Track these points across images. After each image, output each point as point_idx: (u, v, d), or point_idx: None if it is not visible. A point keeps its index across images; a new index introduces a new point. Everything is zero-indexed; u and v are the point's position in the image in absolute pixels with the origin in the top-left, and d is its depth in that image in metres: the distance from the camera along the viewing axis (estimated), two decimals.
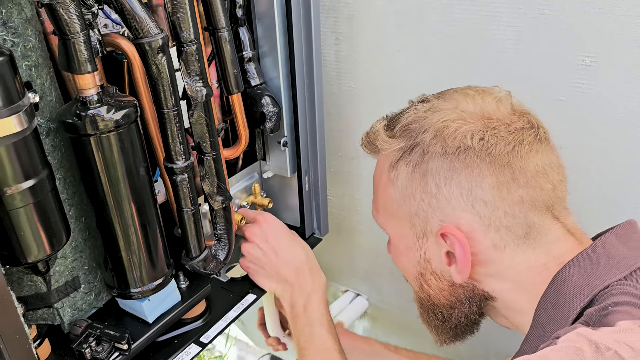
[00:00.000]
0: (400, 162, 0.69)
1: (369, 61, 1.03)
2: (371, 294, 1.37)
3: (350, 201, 1.22)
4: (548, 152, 0.66)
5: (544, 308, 0.64)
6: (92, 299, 0.78)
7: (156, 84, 0.68)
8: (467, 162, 0.64)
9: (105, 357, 0.74)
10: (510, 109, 0.67)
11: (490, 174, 0.64)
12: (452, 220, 0.66)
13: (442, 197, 0.66)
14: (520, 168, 0.64)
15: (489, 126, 0.64)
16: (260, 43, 0.93)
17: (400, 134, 0.69)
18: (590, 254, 0.63)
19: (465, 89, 0.70)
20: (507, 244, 0.65)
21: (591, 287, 0.61)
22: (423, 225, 0.69)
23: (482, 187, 0.64)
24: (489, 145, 0.64)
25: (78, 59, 0.59)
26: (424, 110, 0.68)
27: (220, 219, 0.85)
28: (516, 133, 0.65)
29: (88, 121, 0.63)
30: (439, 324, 0.75)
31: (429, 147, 0.66)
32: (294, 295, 0.92)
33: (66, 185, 0.70)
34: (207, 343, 0.87)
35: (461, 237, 0.65)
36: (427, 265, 0.71)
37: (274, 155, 1.03)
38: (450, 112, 0.66)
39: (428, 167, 0.66)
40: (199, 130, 0.76)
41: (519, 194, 0.64)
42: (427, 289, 0.73)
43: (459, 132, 0.64)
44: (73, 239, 0.72)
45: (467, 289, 0.70)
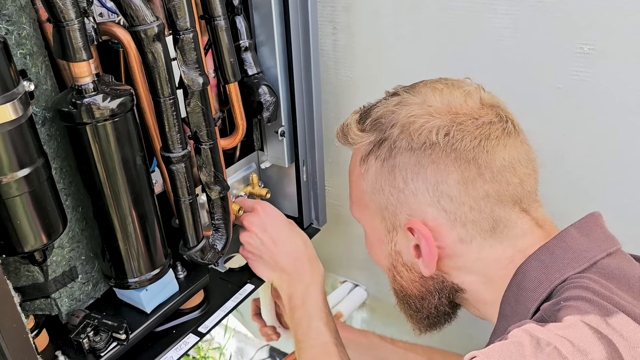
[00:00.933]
0: (370, 156, 0.70)
1: (366, 50, 1.03)
2: (370, 285, 1.37)
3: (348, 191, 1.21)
4: (517, 146, 0.66)
5: (507, 302, 0.66)
6: (90, 289, 0.78)
7: (152, 72, 0.67)
8: (433, 157, 0.64)
9: (103, 347, 0.74)
10: (478, 102, 0.67)
11: (456, 170, 0.64)
12: (419, 215, 0.67)
13: (409, 192, 0.67)
14: (486, 163, 0.64)
15: (455, 121, 0.65)
16: (257, 32, 0.92)
17: (370, 127, 0.70)
18: (550, 248, 0.64)
19: (435, 82, 0.70)
20: (473, 238, 0.66)
21: (550, 281, 0.62)
22: (392, 219, 0.70)
23: (447, 183, 0.64)
24: (455, 140, 0.64)
25: (73, 46, 0.58)
26: (393, 104, 0.69)
27: (218, 208, 0.85)
28: (483, 127, 0.65)
29: (84, 110, 0.63)
30: (412, 313, 0.76)
31: (396, 142, 0.67)
32: (291, 286, 0.92)
33: (62, 174, 0.69)
34: (205, 333, 0.87)
35: (426, 233, 0.66)
36: (398, 258, 0.73)
37: (271, 145, 1.03)
38: (418, 107, 0.67)
39: (395, 162, 0.67)
40: (195, 120, 0.76)
41: (485, 189, 0.64)
42: (400, 280, 0.75)
43: (424, 127, 0.65)
44: (70, 228, 0.72)
45: (436, 281, 0.71)
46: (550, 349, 0.52)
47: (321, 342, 0.87)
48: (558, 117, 0.90)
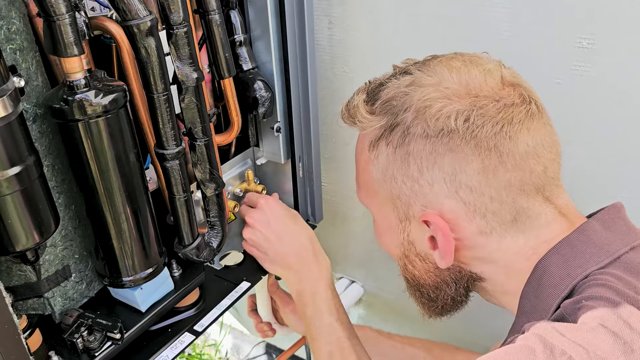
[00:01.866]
0: (380, 142, 0.65)
1: (362, 45, 1.02)
2: (366, 281, 1.37)
3: (344, 188, 1.21)
4: (540, 129, 0.62)
5: (527, 297, 0.63)
6: (84, 288, 0.77)
7: (145, 68, 0.66)
8: (451, 145, 0.60)
9: (97, 346, 0.73)
10: (499, 81, 0.62)
11: (476, 158, 0.60)
12: (435, 207, 0.63)
13: (425, 182, 0.63)
14: (508, 150, 0.60)
15: (476, 105, 0.60)
16: (252, 26, 0.91)
17: (380, 110, 0.65)
18: (571, 242, 0.61)
19: (450, 59, 0.65)
20: (493, 229, 0.62)
21: (571, 277, 0.59)
22: (405, 208, 0.66)
23: (466, 173, 0.60)
24: (475, 127, 0.59)
25: (64, 41, 0.57)
26: (405, 84, 0.64)
27: (213, 206, 0.84)
28: (505, 111, 0.60)
29: (76, 106, 0.61)
30: (425, 302, 0.74)
31: (410, 128, 0.62)
32: (300, 283, 0.91)
33: (55, 172, 0.68)
34: (201, 331, 0.86)
35: (443, 226, 0.63)
36: (411, 248, 0.69)
37: (267, 141, 1.01)
38: (433, 89, 0.62)
39: (409, 149, 0.62)
40: (190, 116, 0.74)
41: (507, 178, 0.60)
42: (412, 270, 0.71)
43: (442, 112, 0.60)
44: (63, 227, 0.71)
45: (453, 271, 0.68)
46: (564, 359, 0.49)
47: (335, 339, 0.85)
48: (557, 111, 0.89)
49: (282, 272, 0.93)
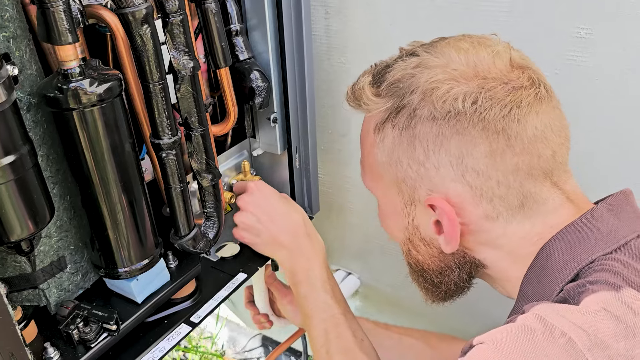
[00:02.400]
0: (386, 124, 0.64)
1: (359, 35, 1.01)
2: (362, 273, 1.36)
3: (341, 179, 1.21)
4: (549, 112, 0.61)
5: (529, 281, 0.63)
6: (79, 280, 0.77)
7: (141, 56, 0.65)
8: (458, 128, 0.59)
9: (93, 338, 0.72)
10: (508, 64, 0.61)
11: (483, 141, 0.59)
12: (441, 190, 0.62)
13: (431, 165, 0.62)
14: (516, 134, 0.59)
15: (484, 87, 0.59)
16: (249, 16, 0.90)
17: (386, 92, 0.64)
18: (577, 227, 0.61)
19: (458, 40, 0.64)
20: (500, 214, 0.62)
21: (576, 262, 0.59)
22: (411, 192, 0.65)
23: (473, 156, 0.59)
24: (483, 109, 0.58)
25: (58, 29, 0.56)
26: (412, 66, 0.63)
27: (210, 196, 0.83)
28: (514, 93, 0.59)
29: (70, 95, 0.61)
30: (428, 287, 0.73)
31: (417, 110, 0.61)
32: (293, 262, 0.90)
33: (49, 162, 0.67)
34: (198, 323, 0.86)
35: (449, 211, 0.62)
36: (416, 232, 0.69)
37: (263, 132, 1.01)
38: (441, 70, 0.61)
39: (415, 132, 0.61)
40: (186, 105, 0.74)
41: (515, 162, 0.59)
42: (416, 255, 0.71)
43: (449, 94, 0.59)
44: (58, 217, 0.70)
45: (457, 256, 0.68)
46: (564, 341, 0.49)
47: (331, 315, 0.85)
48: None
49: (275, 252, 0.92)
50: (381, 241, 1.25)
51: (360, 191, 1.20)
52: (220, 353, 1.97)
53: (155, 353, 0.80)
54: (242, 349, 1.96)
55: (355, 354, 0.82)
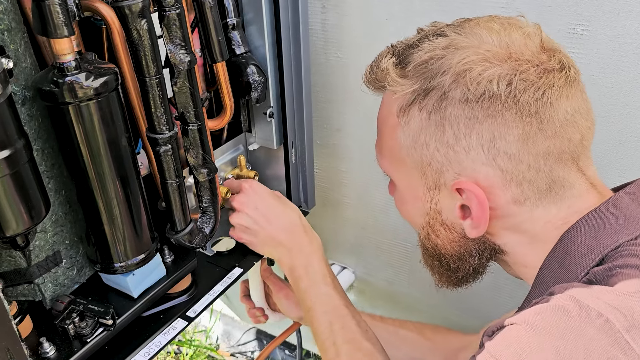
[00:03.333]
0: (413, 107, 0.62)
1: (356, 30, 1.01)
2: (357, 267, 1.37)
3: (336, 174, 1.20)
4: (578, 96, 0.61)
5: (549, 267, 0.62)
6: (75, 274, 0.77)
7: (137, 50, 0.65)
8: (491, 110, 0.58)
9: (89, 332, 0.72)
10: (539, 45, 0.60)
11: (516, 125, 0.58)
12: (470, 174, 0.61)
13: (461, 148, 0.60)
14: (549, 117, 0.58)
15: (517, 69, 0.58)
16: (245, 10, 0.89)
17: (413, 73, 0.62)
18: (601, 213, 0.61)
19: (488, 21, 0.62)
20: (527, 198, 0.61)
21: (601, 247, 0.58)
22: (436, 176, 0.64)
23: (506, 139, 0.59)
24: (517, 92, 0.57)
25: (53, 22, 0.56)
26: (441, 47, 0.61)
27: (206, 191, 0.83)
28: (546, 76, 0.58)
29: (66, 89, 0.60)
30: (444, 271, 0.72)
31: (448, 92, 0.59)
32: (292, 259, 0.90)
33: (44, 156, 0.67)
34: (194, 317, 0.86)
35: (480, 194, 0.61)
36: (437, 217, 0.67)
37: (259, 127, 1.01)
38: (473, 51, 0.59)
39: (446, 114, 0.60)
40: (182, 100, 0.73)
41: (546, 146, 0.59)
42: (435, 239, 0.70)
43: (483, 76, 0.58)
44: (53, 212, 0.70)
45: (478, 241, 0.67)
46: (601, 322, 0.49)
47: (332, 307, 0.85)
48: None
49: (273, 251, 0.93)
50: (376, 236, 1.25)
51: (356, 186, 1.20)
52: (214, 347, 1.97)
53: (151, 348, 0.80)
54: (237, 343, 1.96)
55: (361, 343, 0.82)
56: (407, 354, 1.07)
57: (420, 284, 1.27)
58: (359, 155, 1.14)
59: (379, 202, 1.18)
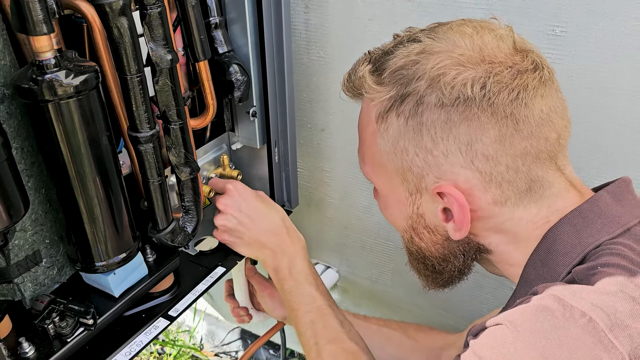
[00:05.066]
0: (390, 113, 0.63)
1: (339, 30, 1.01)
2: (341, 266, 1.37)
3: (320, 173, 1.21)
4: (552, 95, 0.61)
5: (532, 265, 0.63)
6: (55, 274, 0.76)
7: (118, 49, 0.65)
8: (467, 114, 0.59)
9: (69, 332, 0.72)
10: (512, 47, 0.61)
11: (492, 127, 0.59)
12: (450, 177, 0.62)
13: (439, 152, 0.61)
14: (524, 117, 0.59)
15: (491, 72, 0.58)
16: (228, 9, 0.89)
17: (389, 80, 0.62)
18: (583, 212, 0.62)
19: (461, 25, 0.63)
20: (508, 199, 0.62)
21: (583, 246, 0.59)
22: (417, 181, 0.64)
23: (482, 141, 0.59)
24: (491, 94, 0.58)
25: (33, 19, 0.56)
26: (415, 52, 0.61)
27: (188, 190, 0.83)
28: (520, 77, 0.59)
29: (45, 86, 0.60)
30: (429, 274, 0.73)
31: (424, 97, 0.60)
32: (276, 260, 0.91)
33: (24, 154, 0.66)
34: (176, 317, 0.86)
35: (459, 197, 0.61)
36: (420, 220, 0.68)
37: (242, 126, 1.01)
38: (446, 56, 0.60)
39: (423, 119, 0.60)
40: (164, 98, 0.73)
41: (523, 146, 0.60)
42: (418, 242, 0.70)
43: (457, 80, 0.58)
44: (33, 211, 0.69)
45: (462, 243, 0.67)
46: (585, 321, 0.49)
47: (316, 306, 0.86)
48: None
49: (258, 253, 0.93)
50: (359, 235, 1.26)
51: (339, 185, 1.21)
52: (198, 347, 1.96)
53: (132, 347, 0.79)
54: (221, 343, 1.95)
55: (344, 342, 0.83)
56: (390, 353, 1.08)
57: (403, 283, 1.28)
58: (343, 155, 1.15)
59: (363, 202, 1.19)
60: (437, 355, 1.04)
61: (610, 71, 0.83)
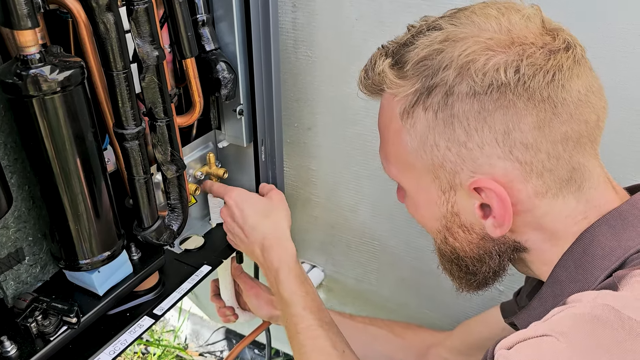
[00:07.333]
0: (416, 107, 0.59)
1: (326, 29, 1.01)
2: (327, 266, 1.37)
3: (306, 172, 1.21)
4: (587, 74, 0.58)
5: (565, 266, 0.60)
6: (38, 272, 0.75)
7: (104, 44, 0.64)
8: (502, 101, 0.55)
9: (52, 331, 0.71)
10: (541, 27, 0.57)
11: (530, 112, 0.55)
12: (487, 171, 0.58)
13: (474, 145, 0.57)
14: (562, 100, 0.55)
15: (523, 54, 0.55)
16: (215, 6, 0.89)
17: (413, 72, 0.58)
18: (622, 214, 0.59)
19: (483, 8, 0.59)
20: (549, 189, 0.58)
21: (623, 249, 0.56)
22: (450, 177, 0.60)
23: (520, 129, 0.55)
24: (526, 78, 0.54)
25: (17, 13, 0.55)
26: (438, 41, 0.57)
27: (174, 188, 0.83)
28: (554, 57, 0.55)
29: (30, 81, 0.59)
30: (463, 275, 0.69)
31: (453, 87, 0.56)
32: (267, 275, 0.91)
33: (7, 150, 0.66)
34: (161, 315, 0.85)
35: (500, 192, 0.57)
36: (455, 219, 0.64)
37: (229, 124, 1.00)
38: (473, 41, 0.56)
39: (453, 111, 0.56)
40: (150, 95, 0.73)
41: (563, 131, 0.56)
42: (453, 242, 0.66)
43: (488, 66, 0.55)
44: (16, 208, 0.68)
45: (498, 242, 0.63)
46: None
47: (305, 327, 0.83)
48: None
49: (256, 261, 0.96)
50: (345, 234, 1.26)
51: (326, 185, 1.21)
52: (183, 346, 1.95)
53: (116, 346, 0.79)
54: (205, 342, 1.95)
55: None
56: (377, 352, 1.08)
57: (388, 283, 1.28)
58: (329, 155, 1.15)
59: (349, 201, 1.19)
60: (424, 353, 1.04)
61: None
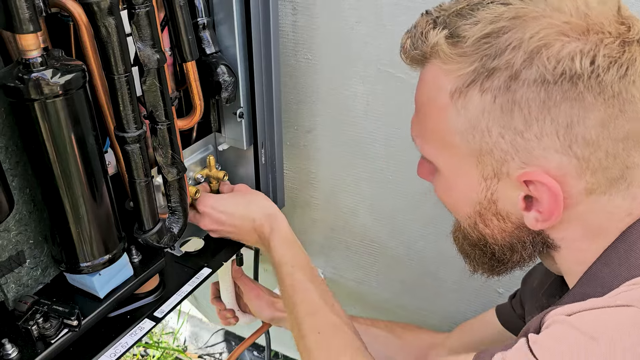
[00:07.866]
0: (472, 88, 0.55)
1: (326, 32, 1.02)
2: (326, 268, 1.38)
3: (306, 175, 1.21)
4: None
5: (607, 263, 0.57)
6: (39, 275, 0.75)
7: (106, 48, 0.64)
8: (571, 92, 0.51)
9: (53, 334, 0.71)
10: (617, 14, 0.53)
11: (598, 107, 0.51)
12: (541, 163, 0.54)
13: (532, 135, 0.54)
14: (631, 97, 0.52)
15: (600, 44, 0.51)
16: (216, 9, 0.89)
17: (473, 50, 0.54)
18: None
19: None
20: (599, 186, 0.55)
21: None
22: (497, 165, 0.57)
23: (585, 124, 0.52)
24: (600, 70, 0.51)
25: (19, 17, 0.55)
26: (506, 18, 0.53)
27: (174, 191, 0.83)
28: (628, 50, 0.52)
29: (32, 85, 0.59)
30: (486, 261, 0.66)
31: (520, 72, 0.52)
32: (265, 250, 0.93)
33: (8, 154, 0.66)
34: (161, 318, 0.85)
35: (554, 186, 0.54)
36: (491, 206, 0.61)
37: (229, 127, 1.00)
38: (547, 23, 0.51)
39: (516, 97, 0.53)
40: (151, 99, 0.73)
41: (626, 130, 0.53)
42: (483, 229, 0.63)
43: (563, 53, 0.51)
44: (17, 211, 0.68)
45: (533, 233, 0.61)
46: None
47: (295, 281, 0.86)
48: None
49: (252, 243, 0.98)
50: (345, 237, 1.26)
51: (325, 187, 1.21)
52: (182, 349, 1.95)
53: (117, 349, 0.79)
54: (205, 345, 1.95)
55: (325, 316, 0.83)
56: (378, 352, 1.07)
57: (388, 285, 1.28)
58: (329, 157, 1.15)
59: (348, 204, 1.19)
60: (424, 355, 1.04)
61: None
